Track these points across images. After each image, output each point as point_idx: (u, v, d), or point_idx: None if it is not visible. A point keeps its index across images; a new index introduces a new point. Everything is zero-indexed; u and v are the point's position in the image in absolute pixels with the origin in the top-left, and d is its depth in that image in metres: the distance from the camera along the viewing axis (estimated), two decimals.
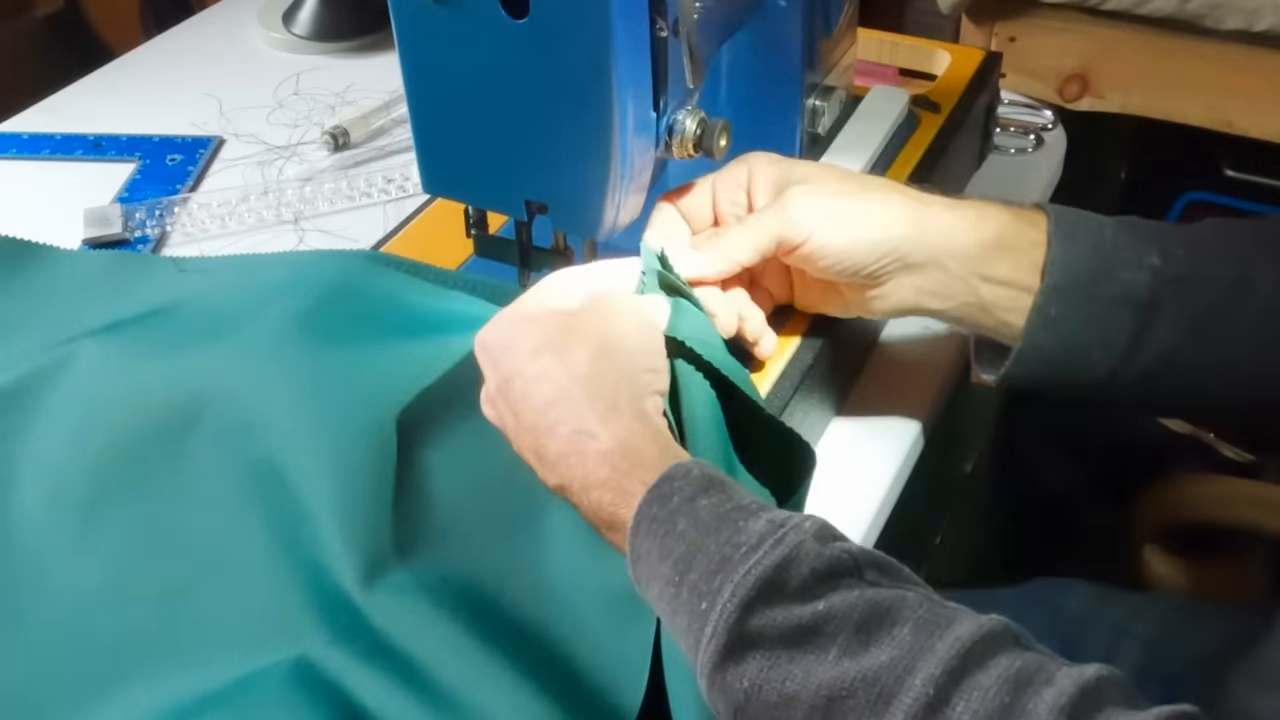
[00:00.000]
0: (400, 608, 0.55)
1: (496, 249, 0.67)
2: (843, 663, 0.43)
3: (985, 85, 0.89)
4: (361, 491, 0.59)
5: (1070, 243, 0.60)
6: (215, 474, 0.62)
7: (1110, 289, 0.60)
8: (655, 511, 0.48)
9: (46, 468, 0.64)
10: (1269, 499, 1.00)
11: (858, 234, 0.60)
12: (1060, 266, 0.60)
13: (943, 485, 1.09)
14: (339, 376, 0.63)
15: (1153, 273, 0.60)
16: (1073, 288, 0.60)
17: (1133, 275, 0.60)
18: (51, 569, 0.61)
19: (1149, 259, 0.60)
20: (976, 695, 0.41)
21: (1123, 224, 0.62)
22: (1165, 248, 0.61)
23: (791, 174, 0.63)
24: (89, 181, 0.93)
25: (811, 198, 0.60)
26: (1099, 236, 0.61)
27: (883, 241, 0.60)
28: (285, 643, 0.56)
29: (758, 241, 0.61)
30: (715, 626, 0.45)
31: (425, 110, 0.61)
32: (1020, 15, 1.36)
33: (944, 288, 0.61)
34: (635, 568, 0.49)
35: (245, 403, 0.64)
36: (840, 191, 0.61)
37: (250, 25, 1.14)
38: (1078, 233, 0.61)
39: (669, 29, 0.57)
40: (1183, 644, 0.77)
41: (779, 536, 0.46)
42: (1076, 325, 0.60)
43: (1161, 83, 1.33)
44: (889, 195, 0.62)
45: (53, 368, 0.69)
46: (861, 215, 0.60)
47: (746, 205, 0.64)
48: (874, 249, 0.60)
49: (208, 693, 0.55)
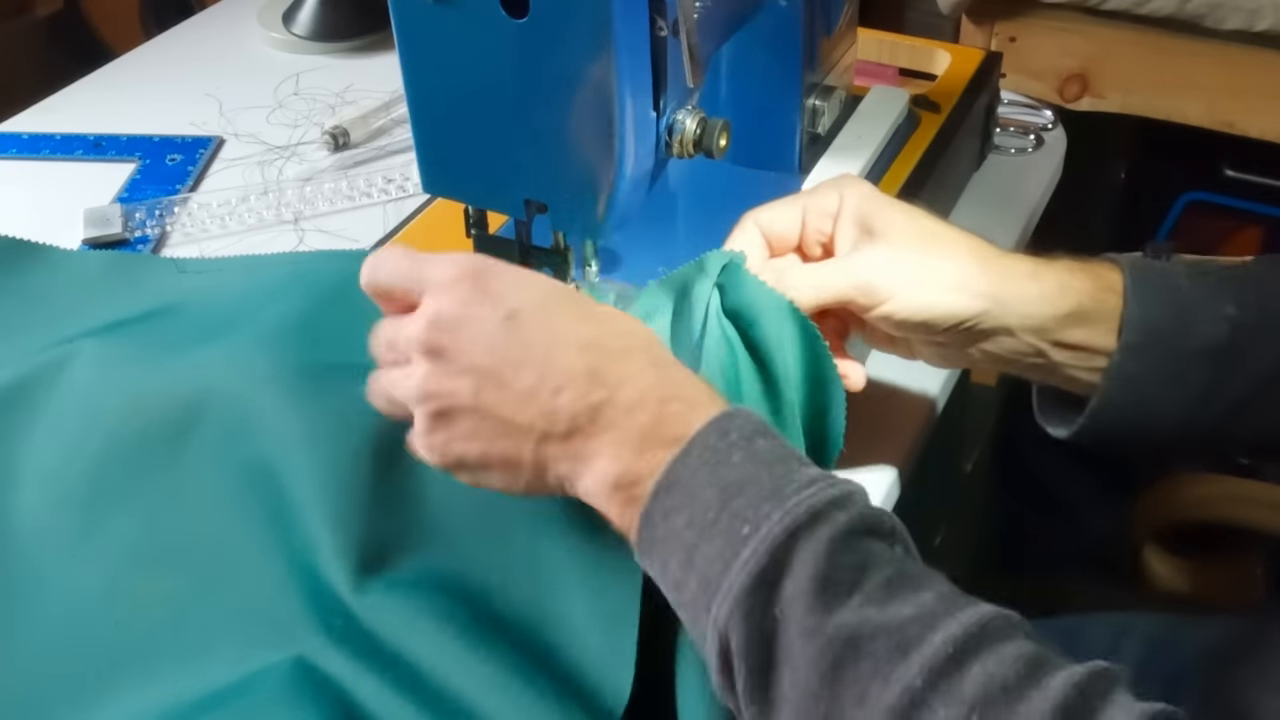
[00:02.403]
0: (390, 609, 0.55)
1: (496, 249, 0.66)
2: (866, 609, 0.44)
3: (985, 85, 0.89)
4: (354, 493, 0.59)
5: (1147, 299, 0.59)
6: (214, 475, 0.62)
7: (1188, 342, 0.59)
8: (713, 441, 0.49)
9: (46, 469, 0.64)
10: (1269, 499, 1.00)
11: (935, 304, 0.58)
12: (1139, 325, 0.59)
13: (943, 485, 1.09)
14: (336, 378, 0.63)
15: (1230, 323, 0.59)
16: (1151, 345, 0.59)
17: (1211, 329, 0.59)
18: (51, 570, 0.61)
19: (1225, 309, 0.59)
20: (993, 660, 0.42)
21: (1195, 271, 0.61)
22: (1240, 295, 0.60)
23: (878, 219, 0.60)
24: (89, 181, 0.93)
25: (894, 263, 0.58)
26: (1175, 291, 0.60)
27: (960, 312, 0.58)
28: (284, 643, 0.56)
29: (820, 297, 0.59)
30: (755, 548, 0.45)
31: (425, 110, 0.61)
32: (1020, 15, 1.36)
33: (1012, 354, 0.60)
34: (664, 496, 0.48)
35: (243, 404, 0.64)
36: (924, 256, 0.59)
37: (250, 25, 1.14)
38: (1153, 288, 0.60)
39: (669, 29, 0.57)
40: (1183, 644, 0.77)
41: (832, 481, 0.48)
42: (1154, 381, 0.60)
43: (1161, 83, 1.33)
44: (970, 261, 0.59)
45: (53, 368, 0.69)
46: (942, 284, 0.58)
47: (830, 235, 0.62)
48: (947, 319, 0.59)
49: (206, 693, 0.55)
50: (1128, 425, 0.61)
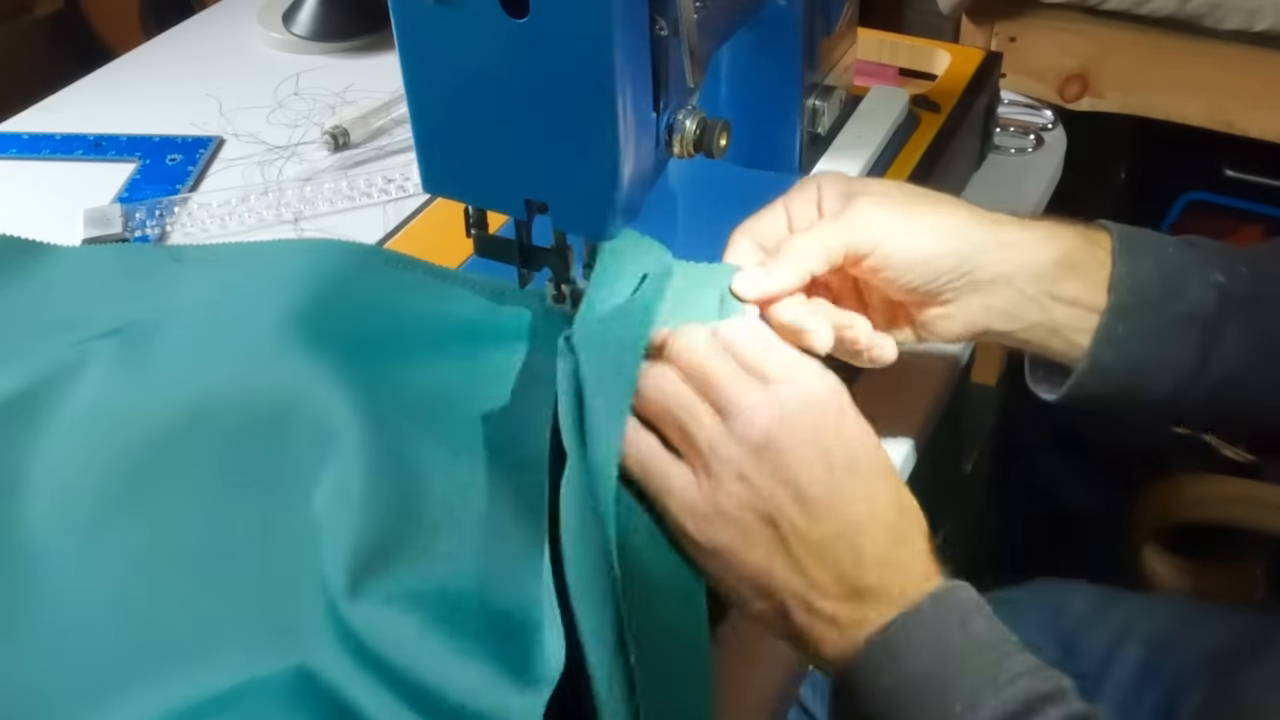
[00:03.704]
0: (386, 618, 0.55)
1: (496, 249, 0.66)
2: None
3: (985, 85, 0.89)
4: (354, 500, 0.59)
5: (1135, 260, 0.60)
6: (217, 480, 0.62)
7: (1178, 307, 0.59)
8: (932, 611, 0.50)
9: (53, 474, 0.64)
10: (1269, 499, 1.00)
11: (927, 245, 0.58)
12: (1127, 285, 0.59)
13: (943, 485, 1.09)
14: (334, 380, 0.63)
15: (1219, 290, 0.59)
16: (1139, 306, 0.59)
17: (1200, 293, 0.59)
18: (58, 573, 0.60)
19: (1214, 276, 0.60)
20: None
21: (1185, 242, 0.61)
22: (1229, 266, 0.60)
23: (862, 186, 0.61)
24: (89, 181, 0.93)
25: (881, 207, 0.59)
26: (1163, 254, 0.60)
27: (952, 253, 0.59)
28: (287, 650, 0.56)
29: (827, 248, 0.59)
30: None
31: (425, 110, 0.61)
32: (1020, 15, 1.36)
33: (1014, 307, 0.60)
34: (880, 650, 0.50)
35: (245, 407, 0.64)
36: (910, 204, 0.60)
37: (250, 25, 1.14)
38: (1142, 250, 0.60)
39: (669, 29, 0.57)
40: (1183, 644, 0.77)
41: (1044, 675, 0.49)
42: (1143, 343, 0.60)
43: (1161, 83, 1.33)
44: (958, 209, 0.60)
45: (61, 372, 0.68)
46: (931, 226, 0.59)
47: (818, 219, 0.62)
48: (943, 260, 0.59)
49: (208, 698, 0.55)
50: (1118, 390, 0.61)
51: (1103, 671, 0.77)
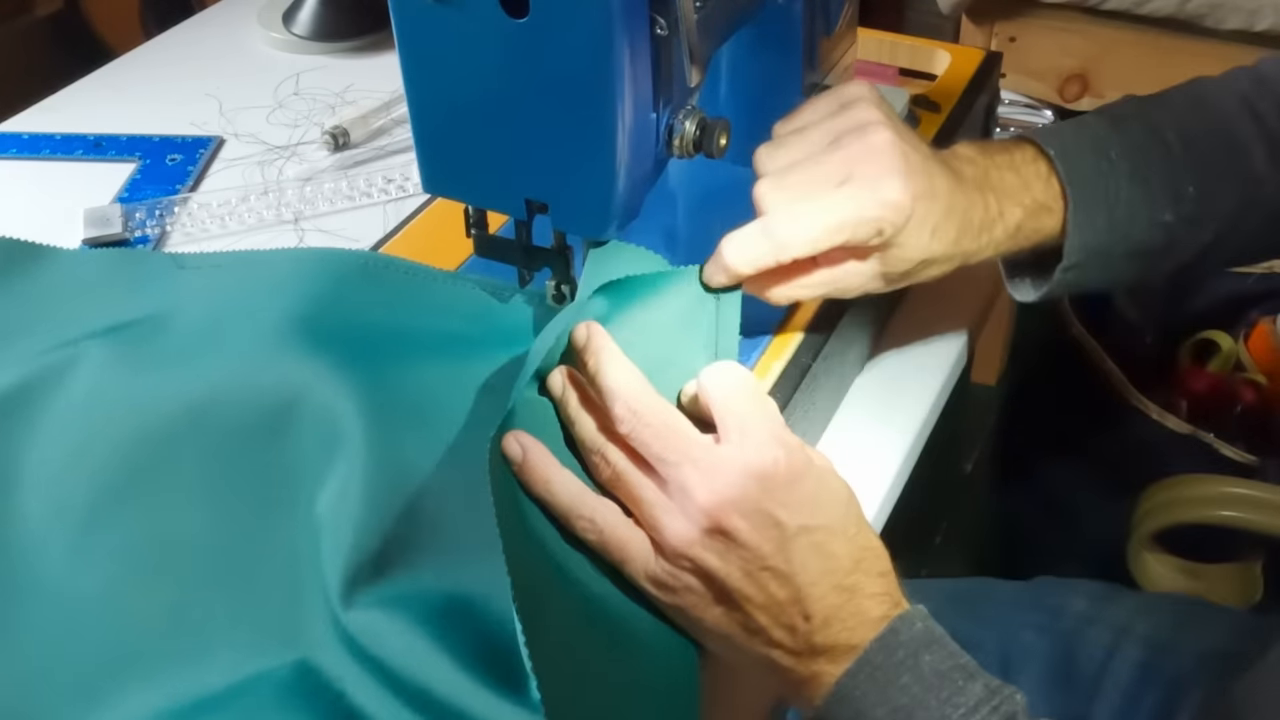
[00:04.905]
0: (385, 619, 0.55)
1: (496, 249, 0.66)
2: None
3: (985, 85, 0.89)
4: (351, 502, 0.59)
5: (1085, 225, 0.63)
6: (214, 479, 0.62)
7: (1123, 247, 0.65)
8: (880, 660, 0.50)
9: (49, 472, 0.64)
10: (1269, 499, 1.00)
11: (931, 251, 0.61)
12: (1078, 249, 0.64)
13: (943, 485, 1.09)
14: (338, 380, 0.63)
15: (1166, 230, 0.64)
16: (1087, 262, 0.64)
17: (1147, 236, 0.64)
18: (53, 572, 0.60)
19: (1162, 217, 0.64)
20: None
21: (1137, 177, 0.64)
22: (1178, 196, 0.64)
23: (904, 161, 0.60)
24: (89, 181, 0.93)
25: (923, 226, 0.60)
26: (1113, 207, 0.63)
27: (948, 260, 0.62)
28: (285, 648, 0.56)
29: (840, 239, 0.59)
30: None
31: (425, 110, 0.61)
32: (1020, 15, 1.36)
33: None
34: (837, 705, 0.51)
35: (247, 405, 0.64)
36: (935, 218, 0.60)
37: (250, 25, 1.14)
38: (1092, 209, 0.63)
39: (669, 29, 0.57)
40: (1183, 644, 0.77)
41: (995, 704, 0.49)
42: (1094, 282, 0.66)
43: (1161, 83, 1.32)
44: (953, 214, 0.61)
45: (56, 371, 0.68)
46: (942, 238, 0.61)
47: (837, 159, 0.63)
48: (942, 264, 0.63)
49: (205, 696, 0.55)
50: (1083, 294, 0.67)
51: (1102, 671, 0.77)
